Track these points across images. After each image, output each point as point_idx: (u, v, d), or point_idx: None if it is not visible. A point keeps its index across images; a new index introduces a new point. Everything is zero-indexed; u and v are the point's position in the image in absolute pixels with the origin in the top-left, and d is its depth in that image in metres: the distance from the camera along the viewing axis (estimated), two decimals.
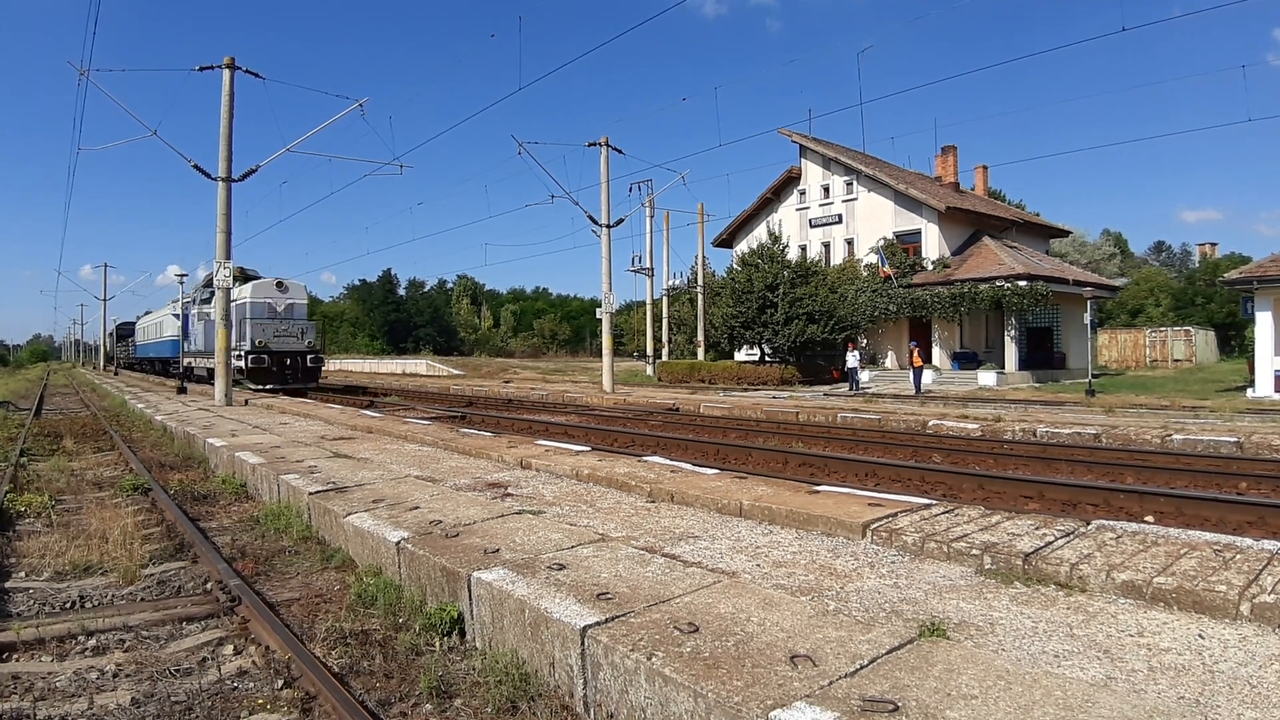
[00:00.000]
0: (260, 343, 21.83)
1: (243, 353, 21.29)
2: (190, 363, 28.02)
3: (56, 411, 20.05)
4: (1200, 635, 2.71)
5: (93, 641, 3.80)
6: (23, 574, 4.96)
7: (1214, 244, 66.28)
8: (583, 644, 2.80)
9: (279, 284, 23.20)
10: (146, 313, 41.74)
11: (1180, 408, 14.85)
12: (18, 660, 3.60)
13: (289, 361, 22.44)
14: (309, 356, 23.12)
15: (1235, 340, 42.96)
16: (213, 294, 24.45)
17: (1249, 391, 19.41)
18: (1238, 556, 3.37)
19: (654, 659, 2.54)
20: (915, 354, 23.44)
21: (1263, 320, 19.64)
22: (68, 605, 4.35)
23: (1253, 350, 20.97)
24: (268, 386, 21.86)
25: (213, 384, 20.04)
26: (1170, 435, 10.43)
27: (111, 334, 56.55)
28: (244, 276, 24.73)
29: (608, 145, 23.96)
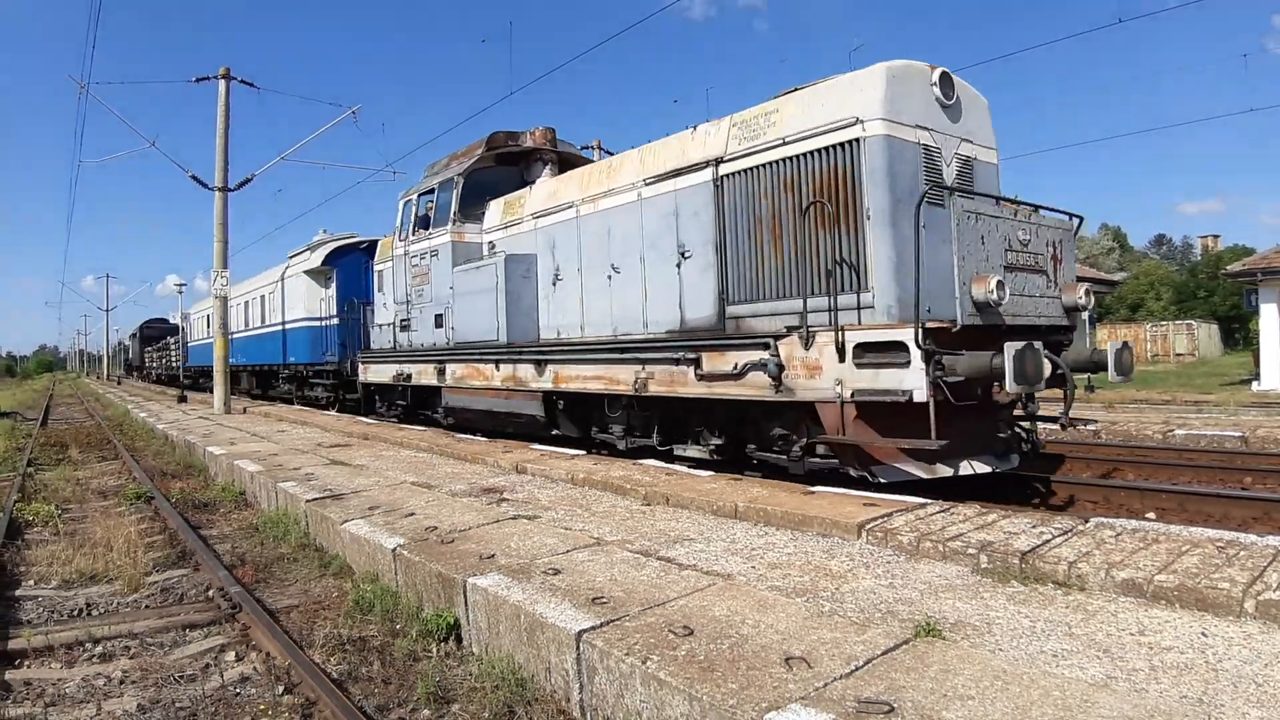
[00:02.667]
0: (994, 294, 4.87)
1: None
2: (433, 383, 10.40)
3: (62, 421, 20.13)
4: (1203, 633, 2.68)
5: (99, 648, 3.85)
6: (32, 582, 5.02)
7: (1216, 236, 66.09)
8: (578, 648, 2.79)
9: (944, 79, 5.68)
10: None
11: (1182, 402, 14.77)
12: (29, 667, 3.67)
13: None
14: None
15: (1240, 333, 42.76)
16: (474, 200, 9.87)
17: (1254, 385, 19.26)
18: (1242, 553, 3.33)
19: (649, 663, 2.53)
20: None
21: (1267, 312, 19.48)
22: (75, 613, 4.41)
23: (1257, 343, 20.81)
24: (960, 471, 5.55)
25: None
26: (1172, 430, 10.38)
27: (134, 335, 50.63)
28: (560, 162, 10.14)
29: (600, 149, 23.96)
